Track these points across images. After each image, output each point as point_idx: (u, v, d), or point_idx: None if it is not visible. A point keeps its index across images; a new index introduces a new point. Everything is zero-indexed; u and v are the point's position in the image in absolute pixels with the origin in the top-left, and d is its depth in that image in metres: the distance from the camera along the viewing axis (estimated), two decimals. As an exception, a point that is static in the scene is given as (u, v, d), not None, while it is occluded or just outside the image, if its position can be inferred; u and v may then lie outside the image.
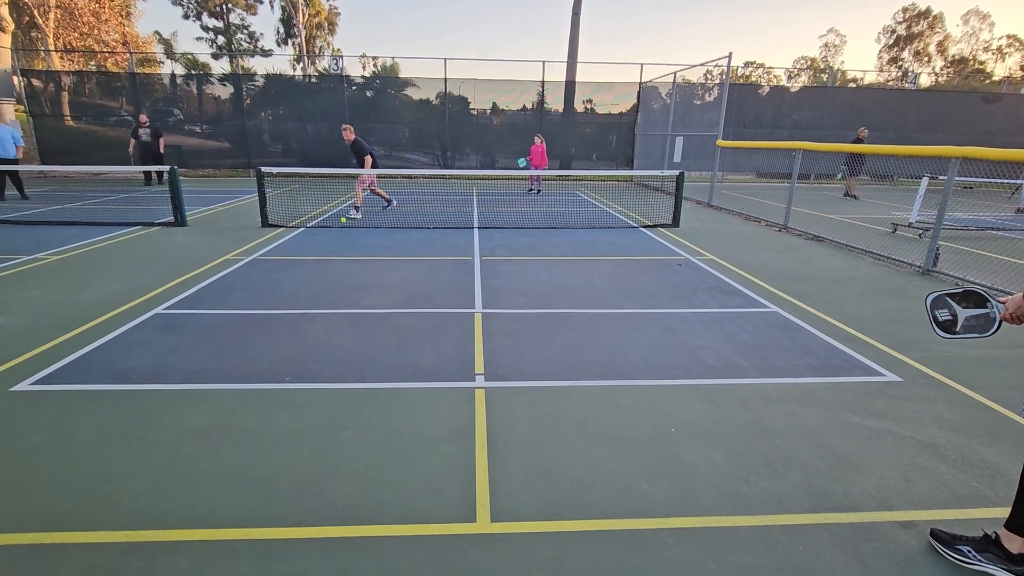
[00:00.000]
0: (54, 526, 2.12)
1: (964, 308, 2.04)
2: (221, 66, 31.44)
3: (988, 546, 2.02)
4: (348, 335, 4.11)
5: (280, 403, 3.10)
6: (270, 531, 2.12)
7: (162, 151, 13.52)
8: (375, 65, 30.70)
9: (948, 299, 2.06)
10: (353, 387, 3.30)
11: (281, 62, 38.90)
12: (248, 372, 3.47)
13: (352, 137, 9.48)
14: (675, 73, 14.90)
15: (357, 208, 9.52)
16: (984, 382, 3.49)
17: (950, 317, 2.06)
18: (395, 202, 10.66)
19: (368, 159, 9.39)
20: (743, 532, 2.16)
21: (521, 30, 71.49)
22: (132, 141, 13.17)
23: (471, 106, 18.11)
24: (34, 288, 5.18)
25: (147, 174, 13.94)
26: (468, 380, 3.42)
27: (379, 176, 15.70)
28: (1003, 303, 1.92)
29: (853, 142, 13.43)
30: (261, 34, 39.24)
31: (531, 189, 14.09)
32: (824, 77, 34.07)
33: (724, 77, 11.94)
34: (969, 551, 2.03)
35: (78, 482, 2.38)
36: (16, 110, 16.63)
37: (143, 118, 13.45)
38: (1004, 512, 2.29)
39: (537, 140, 13.47)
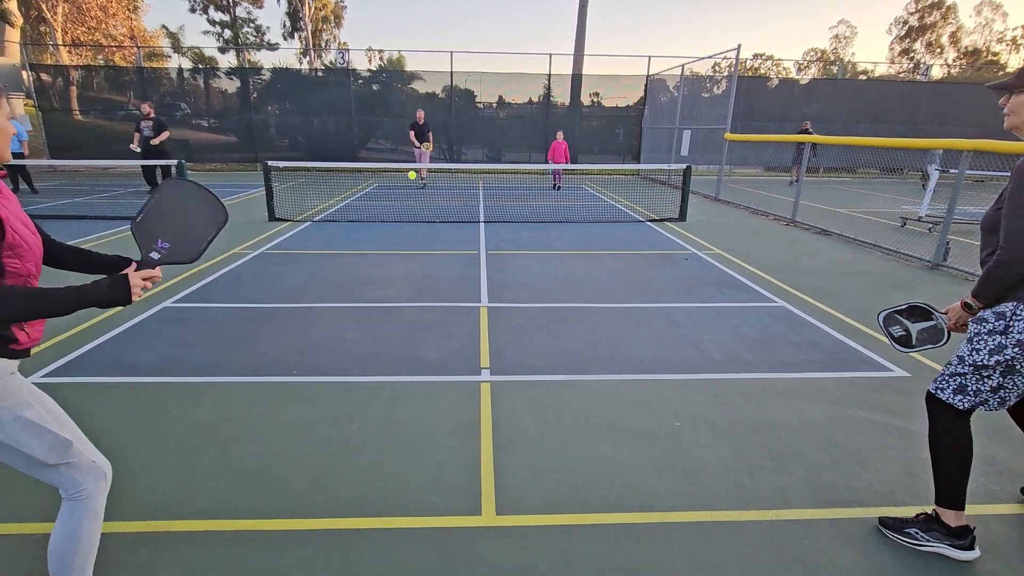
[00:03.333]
0: (66, 516, 2.15)
1: (914, 323, 2.20)
2: (228, 60, 31.58)
3: (932, 524, 2.06)
4: (354, 329, 4.13)
5: (287, 396, 3.12)
6: (277, 522, 2.14)
7: (159, 145, 10.84)
8: (381, 59, 30.64)
9: (897, 315, 2.22)
10: (359, 380, 3.32)
11: (287, 56, 38.95)
12: (255, 365, 3.50)
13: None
14: (683, 66, 14.78)
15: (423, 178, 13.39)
16: (993, 377, 3.46)
17: (904, 333, 2.23)
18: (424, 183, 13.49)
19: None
20: (748, 526, 2.16)
21: (528, 23, 71.04)
22: (136, 135, 11.05)
23: (477, 99, 18.06)
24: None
25: (149, 176, 11.38)
26: (473, 374, 3.43)
27: (384, 170, 15.77)
28: (945, 314, 2.07)
29: (798, 133, 13.46)
30: (267, 28, 39.31)
31: (556, 186, 13.77)
32: (834, 69, 33.68)
33: (732, 69, 11.84)
34: (917, 532, 2.07)
35: (89, 473, 2.42)
36: (25, 104, 16.77)
37: (145, 108, 11.21)
38: (1009, 508, 2.29)
39: (559, 136, 13.09)
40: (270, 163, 8.53)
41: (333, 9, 35.50)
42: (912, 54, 39.64)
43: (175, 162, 8.72)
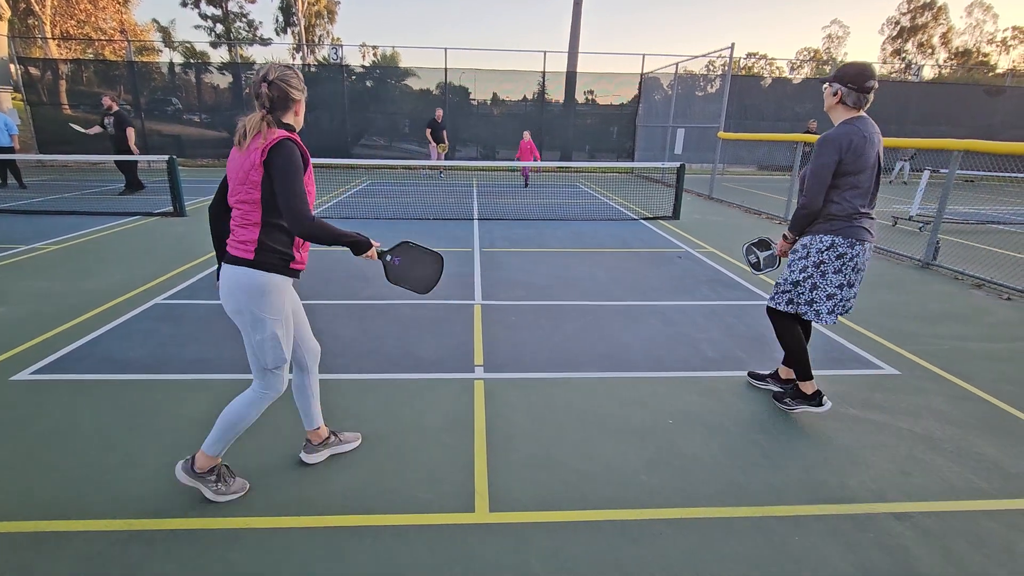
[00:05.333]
0: (56, 514, 2.13)
1: (761, 252, 3.14)
2: (220, 55, 31.22)
3: (797, 395, 2.95)
4: (348, 326, 4.12)
5: (280, 393, 3.10)
6: (270, 520, 2.13)
7: (132, 148, 10.05)
8: (375, 55, 30.48)
9: (752, 247, 3.17)
10: (353, 377, 3.31)
11: (280, 51, 38.64)
12: (248, 362, 3.47)
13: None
14: (677, 64, 14.81)
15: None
16: (981, 375, 3.50)
17: (756, 259, 3.14)
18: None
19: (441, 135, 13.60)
20: (740, 523, 2.17)
21: (522, 20, 70.95)
22: (96, 128, 10.15)
23: (472, 96, 18.00)
24: (33, 278, 5.18)
25: (128, 173, 10.64)
26: (467, 371, 3.43)
27: (378, 167, 15.72)
28: (776, 244, 3.01)
29: (804, 132, 13.53)
30: (260, 22, 38.94)
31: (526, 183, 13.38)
32: (827, 69, 33.83)
33: (726, 68, 11.87)
34: (790, 401, 2.97)
35: (79, 471, 2.39)
36: (13, 98, 16.54)
37: (106, 101, 10.11)
38: (999, 504, 2.32)
39: (526, 136, 12.64)
40: (263, 159, 8.45)
41: (326, 4, 35.27)
42: (904, 54, 39.92)
43: (167, 157, 8.58)
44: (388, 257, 2.17)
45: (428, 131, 13.62)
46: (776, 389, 3.13)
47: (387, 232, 7.49)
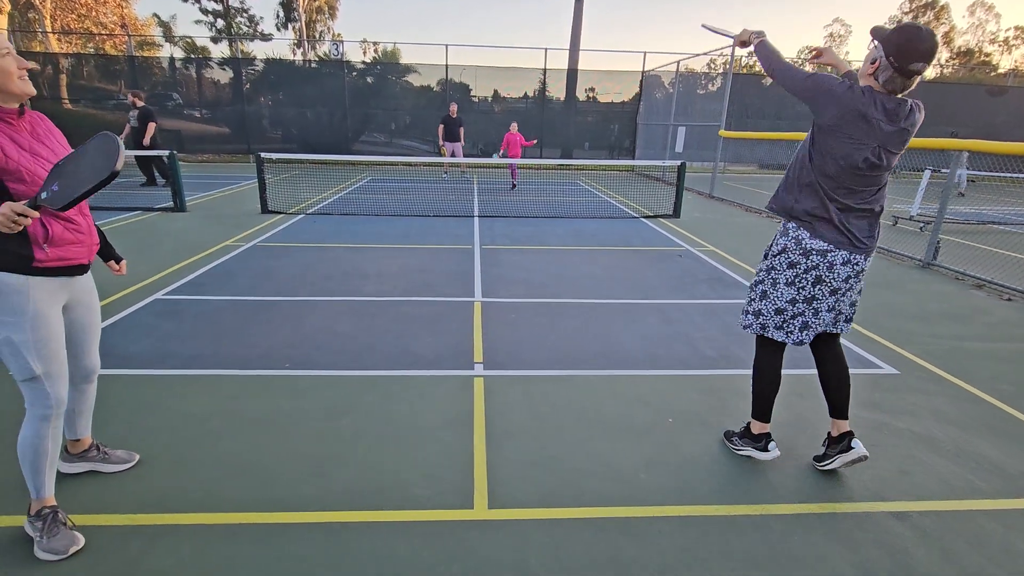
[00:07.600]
0: (55, 509, 2.13)
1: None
2: (220, 50, 31.19)
3: (745, 433, 2.59)
4: (348, 322, 4.12)
5: (279, 389, 3.11)
6: (269, 516, 2.13)
7: (146, 142, 10.08)
8: (376, 51, 30.42)
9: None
10: (352, 374, 3.31)
11: (281, 47, 38.60)
12: (248, 358, 3.48)
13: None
14: (678, 62, 14.78)
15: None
16: (981, 376, 3.50)
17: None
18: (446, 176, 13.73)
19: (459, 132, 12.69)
20: (739, 521, 2.18)
21: (523, 16, 70.73)
22: (127, 127, 10.45)
23: (472, 94, 17.98)
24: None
25: (147, 172, 10.78)
26: (467, 368, 3.42)
27: (378, 164, 15.68)
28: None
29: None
30: (261, 18, 38.88)
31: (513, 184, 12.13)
32: (829, 68, 33.72)
33: (728, 67, 11.85)
34: (736, 440, 2.61)
35: (78, 465, 2.39)
36: (14, 93, 16.48)
37: (131, 97, 10.47)
38: (999, 504, 2.32)
39: (514, 128, 11.75)
40: (263, 155, 8.46)
41: (327, 0, 35.16)
42: (906, 54, 39.78)
43: (165, 152, 8.62)
44: (43, 195, 1.63)
45: (440, 128, 12.59)
46: (750, 451, 2.57)
47: (387, 228, 7.48)
